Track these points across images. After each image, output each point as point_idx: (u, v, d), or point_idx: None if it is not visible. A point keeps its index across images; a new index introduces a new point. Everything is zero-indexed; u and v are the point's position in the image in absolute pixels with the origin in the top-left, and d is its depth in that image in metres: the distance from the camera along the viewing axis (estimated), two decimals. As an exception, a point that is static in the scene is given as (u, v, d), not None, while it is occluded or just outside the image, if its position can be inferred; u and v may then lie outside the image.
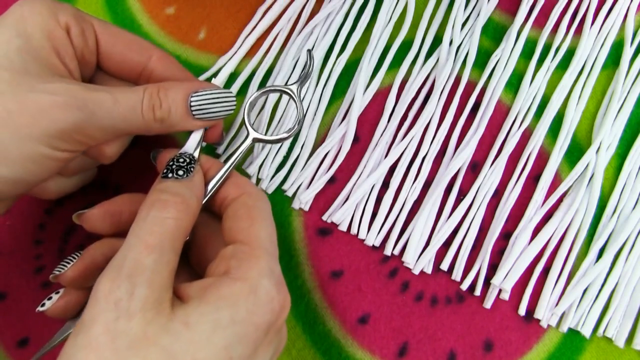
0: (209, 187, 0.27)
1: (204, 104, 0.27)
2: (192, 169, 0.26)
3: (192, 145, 0.28)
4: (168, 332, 0.21)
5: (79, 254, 0.27)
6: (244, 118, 0.29)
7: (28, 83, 0.24)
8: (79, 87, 0.25)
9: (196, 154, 0.27)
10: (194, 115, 0.27)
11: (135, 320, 0.21)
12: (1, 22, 0.25)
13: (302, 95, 0.30)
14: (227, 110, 0.28)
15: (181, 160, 0.26)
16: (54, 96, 0.24)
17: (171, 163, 0.26)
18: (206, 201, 0.27)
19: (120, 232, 0.27)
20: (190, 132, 0.28)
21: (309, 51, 0.31)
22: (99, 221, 0.27)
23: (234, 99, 0.28)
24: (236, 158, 0.28)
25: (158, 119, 0.27)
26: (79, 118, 0.24)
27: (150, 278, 0.22)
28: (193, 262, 0.28)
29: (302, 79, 0.30)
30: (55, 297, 0.26)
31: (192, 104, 0.27)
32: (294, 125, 0.29)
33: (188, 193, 0.25)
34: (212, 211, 0.28)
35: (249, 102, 0.29)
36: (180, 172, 0.26)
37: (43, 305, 0.26)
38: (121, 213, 0.27)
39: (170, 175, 0.25)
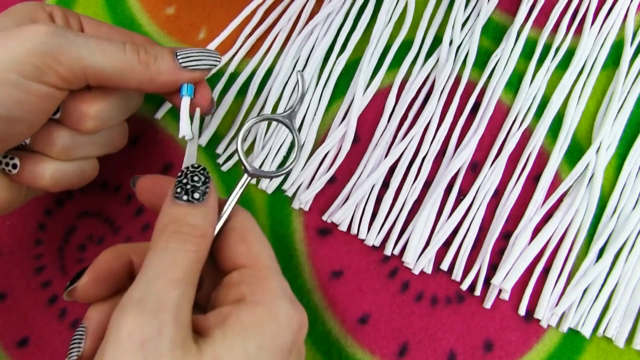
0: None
1: (190, 56, 0.27)
2: (207, 190, 0.24)
3: (192, 155, 0.26)
4: None
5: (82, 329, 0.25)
6: (237, 151, 0.27)
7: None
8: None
9: (192, 160, 0.26)
10: (180, 63, 0.27)
11: None
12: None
13: (296, 121, 0.27)
14: (213, 61, 0.27)
15: (196, 178, 0.24)
16: (28, 28, 0.24)
17: (185, 181, 0.24)
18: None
19: (119, 292, 0.26)
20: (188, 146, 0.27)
21: (300, 73, 0.29)
22: (93, 290, 0.25)
23: (218, 54, 0.28)
24: (235, 195, 0.26)
25: (143, 61, 0.26)
26: (53, 42, 0.23)
27: (176, 315, 0.21)
28: None
29: (294, 106, 0.28)
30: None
31: (179, 55, 0.27)
32: (294, 157, 0.27)
33: (205, 223, 0.24)
34: None
35: (242, 134, 0.27)
36: (196, 195, 0.24)
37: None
38: (113, 273, 0.25)
39: (185, 197, 0.24)
